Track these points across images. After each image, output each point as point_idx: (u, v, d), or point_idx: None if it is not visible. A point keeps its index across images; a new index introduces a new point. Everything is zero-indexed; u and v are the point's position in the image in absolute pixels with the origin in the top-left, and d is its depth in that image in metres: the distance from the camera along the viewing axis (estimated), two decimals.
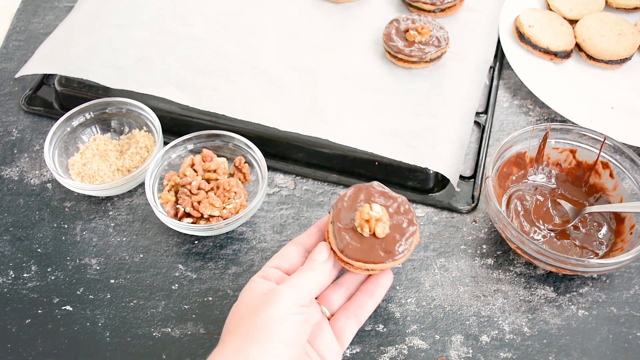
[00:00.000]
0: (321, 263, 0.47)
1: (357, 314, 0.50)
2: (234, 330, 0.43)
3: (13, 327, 0.56)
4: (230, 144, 0.65)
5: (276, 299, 0.43)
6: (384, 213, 0.50)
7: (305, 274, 0.46)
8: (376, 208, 0.49)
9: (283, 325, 0.42)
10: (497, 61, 0.78)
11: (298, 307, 0.43)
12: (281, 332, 0.42)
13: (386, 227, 0.49)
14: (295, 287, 0.44)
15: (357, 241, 0.49)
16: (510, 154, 0.62)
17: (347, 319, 0.49)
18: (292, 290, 0.44)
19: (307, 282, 0.45)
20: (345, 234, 0.49)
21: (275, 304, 0.43)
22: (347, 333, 0.49)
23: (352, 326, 0.49)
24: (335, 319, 0.50)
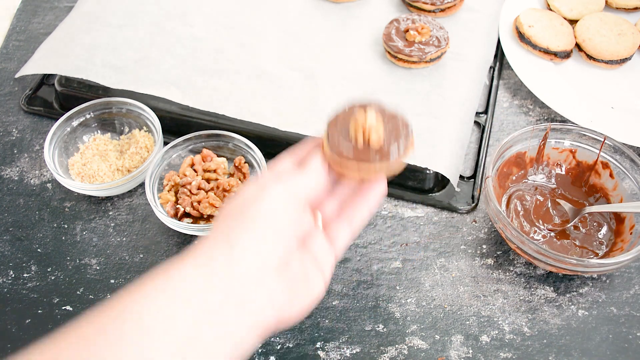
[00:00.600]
0: (315, 168, 0.45)
1: (351, 218, 0.47)
2: (221, 221, 0.41)
3: (13, 327, 0.56)
4: (230, 144, 0.65)
5: (267, 192, 0.41)
6: (378, 121, 0.49)
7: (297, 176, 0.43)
8: (371, 116, 0.49)
9: (273, 212, 0.40)
10: (497, 61, 0.78)
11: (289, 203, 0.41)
12: (271, 219, 0.40)
13: (381, 134, 0.48)
14: (287, 183, 0.42)
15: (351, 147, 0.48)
16: (510, 154, 0.62)
17: (341, 225, 0.47)
18: (283, 185, 0.42)
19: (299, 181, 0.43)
20: (339, 141, 0.48)
21: (265, 196, 0.41)
22: (341, 240, 0.46)
23: (346, 233, 0.47)
24: (329, 227, 0.47)
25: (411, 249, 0.61)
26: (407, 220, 0.63)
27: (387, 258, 0.61)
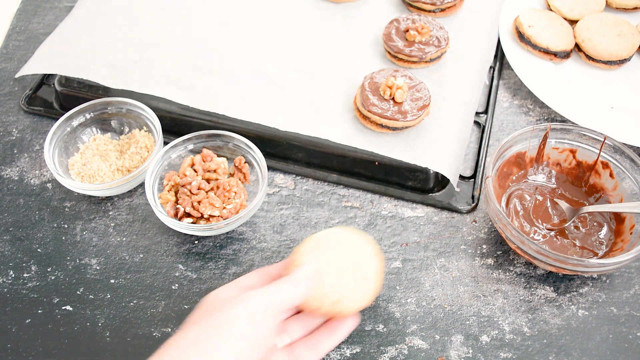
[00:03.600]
0: (304, 279, 0.46)
1: (317, 348, 0.47)
2: (197, 322, 0.42)
3: (13, 327, 0.56)
4: (230, 144, 0.65)
5: (243, 300, 0.42)
6: (405, 85, 0.64)
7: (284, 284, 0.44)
8: (399, 79, 0.65)
9: (247, 324, 0.41)
10: (497, 61, 0.78)
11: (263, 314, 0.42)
12: (244, 331, 0.41)
13: (405, 95, 0.64)
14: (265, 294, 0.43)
15: (377, 101, 0.63)
16: (510, 154, 0.62)
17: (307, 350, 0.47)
18: (260, 296, 0.43)
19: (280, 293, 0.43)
20: (369, 95, 0.64)
21: (241, 304, 0.42)
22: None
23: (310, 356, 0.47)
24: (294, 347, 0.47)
25: (411, 248, 0.61)
26: (407, 220, 0.63)
27: (387, 258, 0.61)
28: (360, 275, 0.48)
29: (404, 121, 0.63)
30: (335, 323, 0.49)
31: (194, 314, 0.44)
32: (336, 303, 0.47)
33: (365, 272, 0.49)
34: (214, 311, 0.42)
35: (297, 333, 0.48)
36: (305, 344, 0.47)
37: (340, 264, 0.49)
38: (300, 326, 0.48)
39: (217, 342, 0.40)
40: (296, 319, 0.49)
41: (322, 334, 0.48)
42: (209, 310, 0.43)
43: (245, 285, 0.47)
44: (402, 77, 0.66)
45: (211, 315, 0.42)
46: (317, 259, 0.49)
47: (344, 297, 0.47)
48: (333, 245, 0.50)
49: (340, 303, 0.47)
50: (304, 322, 0.49)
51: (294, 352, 0.47)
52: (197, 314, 0.43)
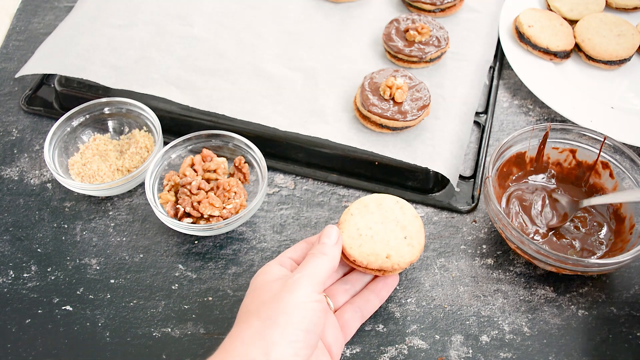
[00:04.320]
0: (331, 246, 0.49)
1: (362, 309, 0.52)
2: (254, 313, 0.45)
3: (13, 327, 0.56)
4: (230, 144, 0.65)
5: (295, 287, 0.45)
6: (404, 85, 0.64)
7: (317, 260, 0.48)
8: (399, 79, 0.65)
9: (303, 312, 0.44)
10: (497, 61, 0.78)
11: (316, 295, 0.45)
12: (301, 319, 0.43)
13: (404, 95, 0.64)
14: (310, 275, 0.46)
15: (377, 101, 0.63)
16: (510, 154, 0.62)
17: (353, 312, 0.52)
18: (308, 278, 0.46)
19: (320, 268, 0.47)
20: (369, 94, 0.64)
21: (294, 292, 0.45)
22: (352, 326, 0.52)
23: (357, 319, 0.52)
24: (341, 312, 0.52)
25: None
26: None
27: None
28: (407, 233, 0.53)
29: (404, 121, 0.63)
30: (380, 284, 0.54)
31: (249, 303, 0.47)
32: (387, 259, 0.52)
33: (411, 229, 0.54)
34: (269, 302, 0.45)
35: (342, 298, 0.53)
36: (352, 307, 0.52)
37: (387, 224, 0.54)
38: (345, 290, 0.53)
39: (277, 333, 0.42)
40: (342, 283, 0.54)
41: (366, 295, 0.53)
42: (264, 300, 0.45)
43: (292, 257, 0.51)
44: (402, 77, 0.66)
45: (267, 306, 0.44)
46: (364, 220, 0.54)
47: (394, 253, 0.52)
48: (378, 206, 0.55)
49: (391, 258, 0.52)
50: (350, 286, 0.54)
51: (342, 317, 0.52)
52: (253, 304, 0.46)
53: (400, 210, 0.55)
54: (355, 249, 0.52)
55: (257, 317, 0.44)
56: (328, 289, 0.53)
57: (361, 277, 0.54)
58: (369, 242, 0.52)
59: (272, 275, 0.48)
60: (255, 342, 0.42)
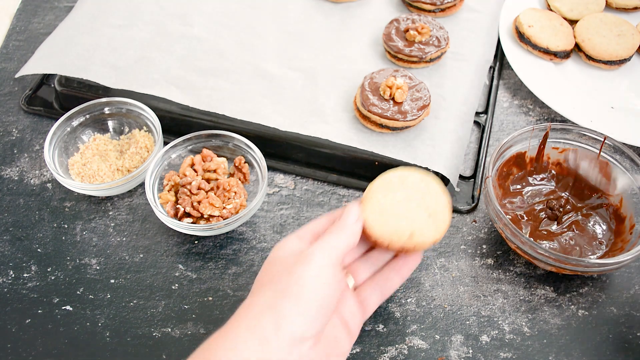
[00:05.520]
0: (351, 224, 0.47)
1: (383, 287, 0.50)
2: (266, 285, 0.44)
3: (13, 327, 0.56)
4: (230, 144, 0.65)
5: (310, 259, 0.44)
6: (404, 85, 0.64)
7: (336, 234, 0.46)
8: (399, 79, 0.65)
9: (317, 284, 0.43)
10: (497, 61, 0.78)
11: (331, 268, 0.44)
12: (315, 291, 0.42)
13: (404, 95, 0.64)
14: (327, 247, 0.45)
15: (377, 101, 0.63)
16: (510, 154, 0.62)
17: (373, 290, 0.50)
18: (325, 251, 0.44)
19: (338, 242, 0.46)
20: (369, 94, 0.64)
21: (309, 263, 0.43)
22: (371, 303, 0.50)
23: (377, 297, 0.50)
24: (361, 289, 0.50)
25: None
26: None
27: None
28: (431, 210, 0.50)
29: (404, 121, 0.63)
30: (401, 261, 0.51)
31: (263, 275, 0.45)
32: (411, 237, 0.49)
33: (435, 206, 0.50)
34: (282, 274, 0.43)
35: (363, 275, 0.51)
36: (371, 284, 0.50)
37: (411, 200, 0.50)
38: (366, 268, 0.51)
39: (289, 305, 0.41)
40: (363, 261, 0.51)
41: (387, 273, 0.51)
42: (278, 272, 0.44)
43: (313, 231, 0.49)
44: (402, 77, 0.66)
45: (280, 278, 0.43)
46: (387, 197, 0.51)
47: (418, 231, 0.49)
48: (402, 183, 0.52)
49: (415, 237, 0.49)
50: (371, 264, 0.51)
51: (361, 294, 0.49)
52: (267, 276, 0.45)
53: (425, 186, 0.51)
54: (377, 227, 0.49)
55: (270, 288, 0.43)
56: (349, 266, 0.51)
57: (383, 254, 0.52)
58: (391, 220, 0.49)
59: (289, 249, 0.46)
60: (266, 313, 0.41)
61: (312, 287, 0.42)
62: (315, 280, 0.43)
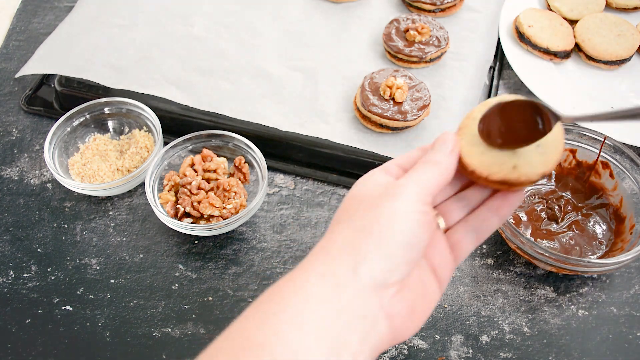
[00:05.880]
0: (445, 155, 0.41)
1: (478, 229, 0.43)
2: (344, 222, 0.38)
3: (13, 327, 0.56)
4: (230, 144, 0.65)
5: (396, 194, 0.38)
6: (404, 85, 0.65)
7: (428, 167, 0.40)
8: (399, 79, 0.65)
9: (404, 223, 0.37)
10: (497, 61, 0.78)
11: (421, 205, 0.38)
12: (401, 230, 0.36)
13: (404, 95, 0.64)
14: (418, 182, 0.38)
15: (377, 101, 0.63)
16: None
17: (466, 232, 0.43)
18: (414, 186, 0.38)
19: (430, 175, 0.39)
20: (369, 94, 0.65)
21: (395, 199, 0.37)
22: (464, 247, 0.43)
23: (471, 241, 0.43)
24: (453, 231, 0.43)
25: None
26: None
27: None
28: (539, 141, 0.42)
29: (404, 121, 0.63)
30: (499, 199, 0.43)
31: (342, 212, 0.40)
32: (514, 169, 0.41)
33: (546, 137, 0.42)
34: (364, 210, 0.38)
35: (456, 216, 0.43)
36: (465, 226, 0.43)
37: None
38: (459, 208, 0.44)
39: (370, 245, 0.36)
40: (456, 200, 0.44)
41: (483, 213, 0.43)
42: (359, 208, 0.38)
43: (402, 165, 0.43)
44: (402, 77, 0.66)
45: (361, 214, 0.38)
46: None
47: (522, 162, 0.41)
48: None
49: (518, 169, 0.41)
50: (464, 204, 0.44)
51: (453, 237, 0.43)
52: (346, 213, 0.39)
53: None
54: (475, 156, 0.42)
55: (348, 226, 0.37)
56: (439, 206, 0.44)
57: (479, 193, 0.44)
58: (492, 149, 0.42)
59: (373, 182, 0.40)
60: (342, 254, 0.36)
61: (399, 225, 0.36)
62: (403, 217, 0.37)
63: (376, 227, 0.36)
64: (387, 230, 0.36)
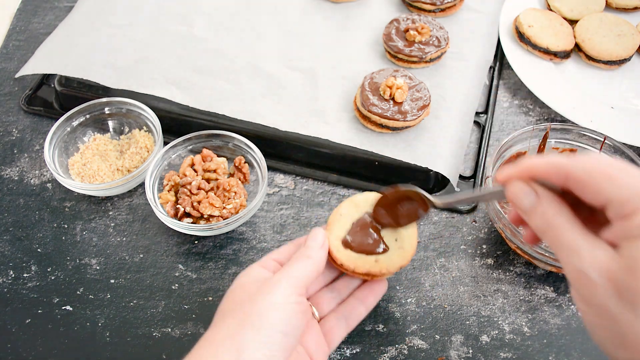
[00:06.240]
0: (316, 249, 0.46)
1: (348, 317, 0.49)
2: (228, 314, 0.42)
3: (13, 327, 0.56)
4: (230, 144, 0.65)
5: (273, 287, 0.42)
6: (404, 85, 0.64)
7: (300, 262, 0.45)
8: (399, 79, 0.65)
9: (280, 313, 0.41)
10: (497, 61, 0.78)
11: (295, 297, 0.42)
12: (278, 320, 0.41)
13: (404, 95, 0.64)
14: (291, 276, 0.43)
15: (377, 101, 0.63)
16: (510, 154, 0.62)
17: (338, 320, 0.48)
18: (288, 280, 0.43)
19: (302, 269, 0.44)
20: (369, 95, 0.64)
21: (272, 292, 0.42)
22: (336, 334, 0.48)
23: (342, 328, 0.49)
24: (325, 320, 0.49)
25: None
26: None
27: None
28: (397, 236, 0.50)
29: (404, 121, 0.63)
30: (366, 290, 0.50)
31: (225, 303, 0.44)
32: (376, 262, 0.48)
33: (402, 232, 0.50)
34: (244, 302, 0.42)
35: (328, 305, 0.49)
36: (337, 315, 0.49)
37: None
38: (331, 298, 0.50)
39: (251, 334, 0.40)
40: (328, 291, 0.50)
41: (352, 302, 0.49)
42: (240, 301, 0.43)
43: (277, 259, 0.48)
44: (402, 77, 0.66)
45: (242, 307, 0.42)
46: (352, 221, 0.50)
47: (383, 257, 0.49)
48: (370, 208, 0.51)
49: (380, 262, 0.48)
50: (336, 293, 0.50)
51: (326, 325, 0.48)
52: (229, 305, 0.44)
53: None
54: (343, 251, 0.49)
55: (232, 317, 0.42)
56: (313, 296, 0.50)
57: (348, 283, 0.51)
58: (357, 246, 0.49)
59: (251, 277, 0.45)
60: (227, 342, 0.40)
61: (276, 316, 0.41)
62: (279, 308, 0.41)
63: (255, 317, 0.41)
64: (266, 320, 0.40)
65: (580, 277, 0.33)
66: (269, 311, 0.41)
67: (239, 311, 0.42)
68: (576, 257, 0.34)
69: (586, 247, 0.34)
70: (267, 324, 0.40)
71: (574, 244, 0.34)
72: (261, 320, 0.40)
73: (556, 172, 0.36)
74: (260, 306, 0.41)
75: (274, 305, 0.41)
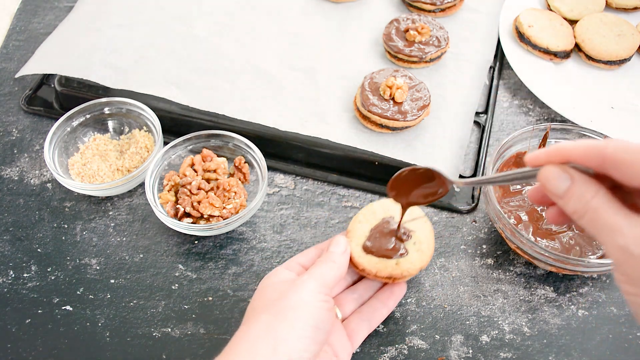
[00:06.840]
0: (339, 255, 0.49)
1: (370, 318, 0.52)
2: (262, 310, 0.45)
3: (13, 327, 0.56)
4: (230, 144, 0.65)
5: (301, 286, 0.45)
6: (404, 85, 0.64)
7: (325, 265, 0.48)
8: (399, 79, 0.65)
9: (310, 308, 0.44)
10: (497, 61, 0.78)
11: (322, 295, 0.45)
12: (309, 315, 0.43)
13: (404, 95, 0.64)
14: (317, 277, 0.46)
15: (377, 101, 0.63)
16: (510, 154, 0.62)
17: (361, 321, 0.51)
18: (315, 280, 0.46)
19: (327, 272, 0.47)
20: (369, 94, 0.64)
21: (301, 290, 0.45)
22: (359, 334, 0.51)
23: (364, 329, 0.51)
24: (349, 321, 0.52)
25: None
26: None
27: None
28: (415, 239, 0.53)
29: (404, 121, 0.63)
30: (387, 292, 0.53)
31: (257, 301, 0.47)
32: (397, 266, 0.51)
33: (419, 235, 0.53)
34: (276, 299, 0.45)
35: (350, 307, 0.52)
36: (359, 316, 0.52)
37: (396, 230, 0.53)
38: (353, 299, 0.53)
39: (286, 328, 0.42)
40: (350, 292, 0.53)
41: (374, 304, 0.52)
42: (272, 298, 0.45)
43: (301, 263, 0.51)
44: (402, 77, 0.66)
45: (274, 303, 0.44)
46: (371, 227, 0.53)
47: (403, 260, 0.52)
48: (386, 213, 0.54)
49: (400, 265, 0.51)
50: (358, 295, 0.53)
51: (349, 326, 0.51)
52: (260, 302, 0.46)
53: (408, 215, 0.53)
54: (364, 257, 0.51)
55: (266, 313, 0.44)
56: (336, 297, 0.53)
57: (370, 285, 0.54)
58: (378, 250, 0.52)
59: (280, 278, 0.48)
60: (263, 337, 0.42)
61: (307, 311, 0.44)
62: (309, 304, 0.44)
63: (289, 313, 0.43)
64: (298, 315, 0.43)
65: (624, 255, 0.33)
66: (300, 307, 0.44)
67: (272, 307, 0.44)
68: (619, 235, 0.33)
69: (628, 224, 0.33)
70: (300, 319, 0.43)
71: (615, 223, 0.34)
72: (294, 315, 0.43)
73: (593, 155, 0.35)
74: (293, 302, 0.44)
75: (305, 302, 0.44)
